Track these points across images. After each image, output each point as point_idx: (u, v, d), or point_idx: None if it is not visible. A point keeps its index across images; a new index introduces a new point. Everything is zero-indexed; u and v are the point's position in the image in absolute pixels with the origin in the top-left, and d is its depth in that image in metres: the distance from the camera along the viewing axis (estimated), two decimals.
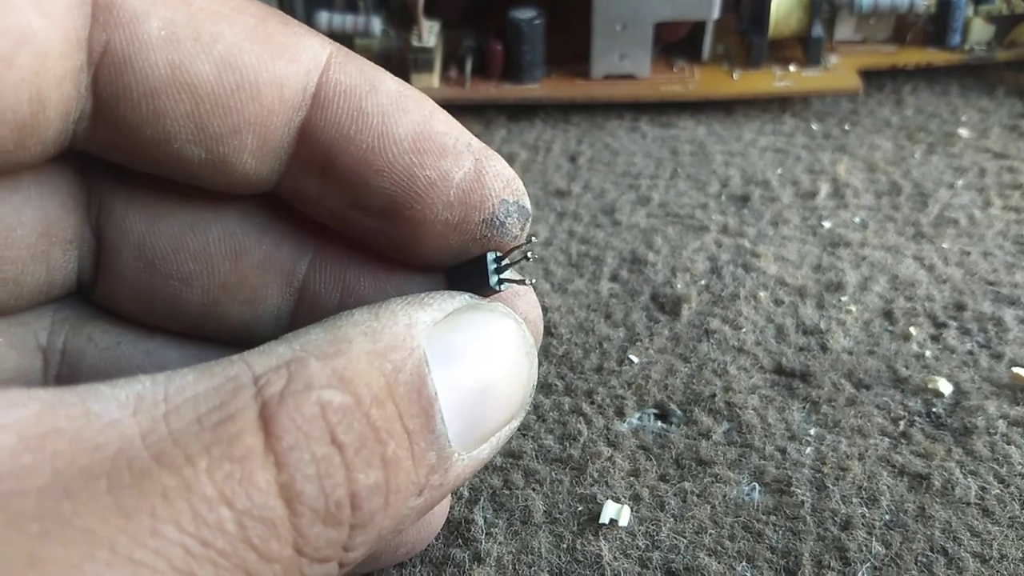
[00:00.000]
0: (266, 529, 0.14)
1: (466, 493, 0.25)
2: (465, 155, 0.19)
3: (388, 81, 0.19)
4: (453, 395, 0.16)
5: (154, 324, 0.21)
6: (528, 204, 0.20)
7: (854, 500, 0.24)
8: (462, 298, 0.18)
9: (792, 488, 0.25)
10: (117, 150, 0.18)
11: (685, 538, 0.24)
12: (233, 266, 0.20)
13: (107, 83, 0.17)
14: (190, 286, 0.20)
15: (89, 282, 0.21)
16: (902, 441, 0.26)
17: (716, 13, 0.40)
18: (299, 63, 0.18)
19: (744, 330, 0.30)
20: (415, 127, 0.18)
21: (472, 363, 0.17)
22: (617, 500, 0.25)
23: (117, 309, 0.21)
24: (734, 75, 0.41)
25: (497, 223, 0.19)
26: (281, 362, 0.15)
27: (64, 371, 0.21)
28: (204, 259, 0.20)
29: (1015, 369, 0.28)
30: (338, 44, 0.19)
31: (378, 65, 0.19)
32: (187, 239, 0.20)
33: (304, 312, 0.21)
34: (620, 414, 0.27)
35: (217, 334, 0.21)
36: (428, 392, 0.16)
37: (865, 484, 0.25)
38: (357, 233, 0.20)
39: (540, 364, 0.29)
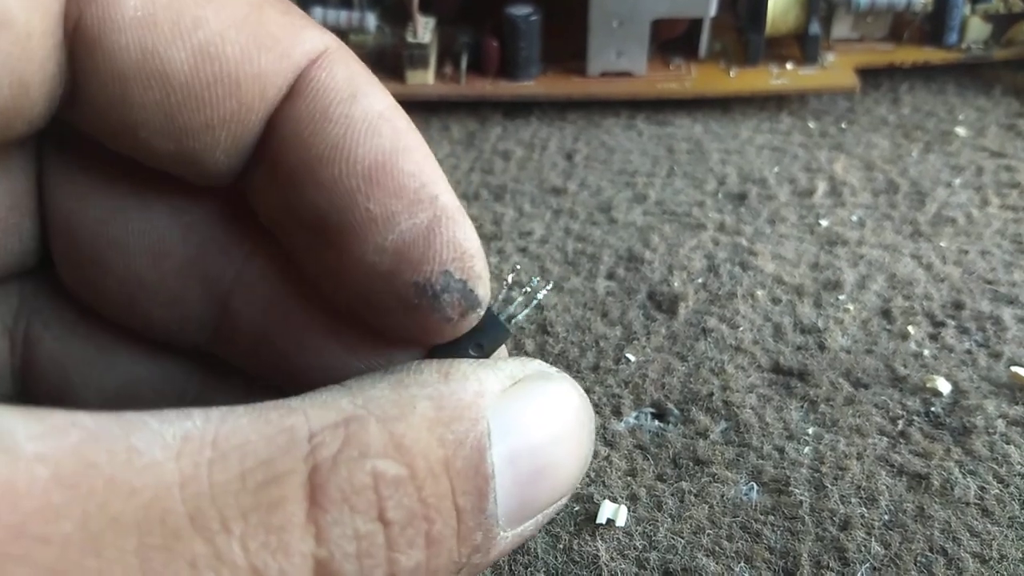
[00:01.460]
0: None
1: None
2: (424, 205, 0.17)
3: (375, 99, 0.17)
4: (511, 472, 0.15)
5: (94, 309, 0.20)
6: (481, 291, 0.17)
7: (853, 500, 0.24)
8: (536, 363, 0.17)
9: (790, 488, 0.24)
10: (90, 127, 0.17)
11: (683, 538, 0.23)
12: (151, 263, 0.19)
13: (77, 59, 0.16)
14: (109, 275, 0.19)
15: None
16: (901, 440, 0.26)
17: (713, 10, 0.40)
18: (290, 59, 0.17)
19: (741, 329, 0.30)
20: (378, 155, 0.16)
21: (535, 441, 0.16)
22: (614, 500, 0.24)
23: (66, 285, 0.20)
24: (731, 73, 0.41)
25: (429, 293, 0.17)
26: (340, 419, 0.14)
27: (26, 354, 0.21)
28: (121, 250, 0.19)
29: (1014, 368, 0.27)
30: (342, 44, 0.17)
31: (371, 66, 0.18)
32: (108, 225, 0.18)
33: (227, 327, 0.19)
34: (617, 413, 0.27)
35: (146, 332, 0.20)
36: (486, 470, 0.15)
37: (864, 484, 0.25)
38: (287, 243, 0.19)
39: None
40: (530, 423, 0.16)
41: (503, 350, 0.19)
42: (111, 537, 0.12)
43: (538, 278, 0.18)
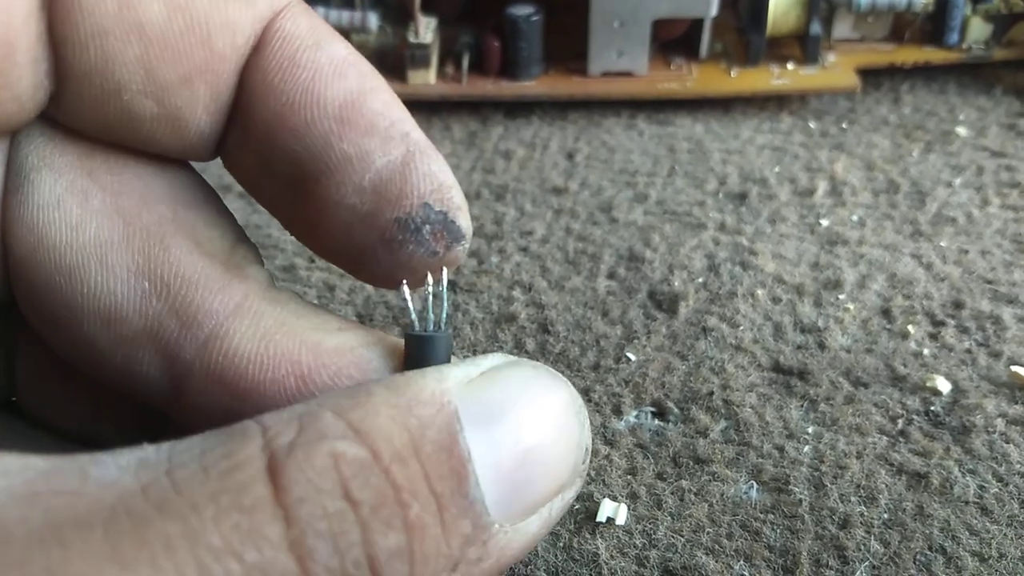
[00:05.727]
0: None
1: None
2: (396, 142, 0.17)
3: (338, 46, 0.17)
4: (491, 457, 0.15)
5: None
6: (462, 222, 0.17)
7: (852, 499, 0.24)
8: (499, 355, 0.16)
9: (790, 486, 0.25)
10: (73, 105, 0.17)
11: (683, 536, 0.24)
12: (103, 327, 0.18)
13: (57, 22, 0.16)
14: (59, 330, 0.18)
15: None
16: (900, 439, 0.26)
17: (714, 10, 0.40)
18: (254, 7, 0.17)
19: (742, 328, 0.30)
20: (346, 95, 0.17)
21: (513, 423, 0.15)
22: (614, 498, 0.25)
23: None
24: (732, 73, 0.41)
25: (412, 227, 0.17)
26: (293, 415, 0.14)
27: (16, 366, 0.20)
28: (72, 308, 0.18)
29: (1013, 367, 0.27)
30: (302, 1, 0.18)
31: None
32: (57, 281, 0.18)
33: (181, 405, 0.18)
34: (617, 412, 0.27)
35: (106, 384, 0.19)
36: (460, 451, 0.14)
37: (863, 482, 0.25)
38: (269, 207, 0.19)
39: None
40: (505, 406, 0.15)
41: None
42: (75, 531, 0.12)
43: (429, 281, 0.17)
